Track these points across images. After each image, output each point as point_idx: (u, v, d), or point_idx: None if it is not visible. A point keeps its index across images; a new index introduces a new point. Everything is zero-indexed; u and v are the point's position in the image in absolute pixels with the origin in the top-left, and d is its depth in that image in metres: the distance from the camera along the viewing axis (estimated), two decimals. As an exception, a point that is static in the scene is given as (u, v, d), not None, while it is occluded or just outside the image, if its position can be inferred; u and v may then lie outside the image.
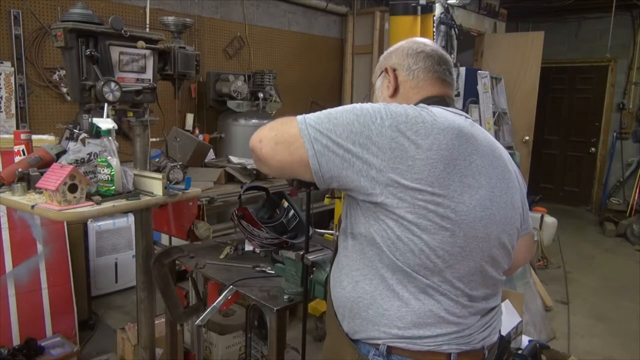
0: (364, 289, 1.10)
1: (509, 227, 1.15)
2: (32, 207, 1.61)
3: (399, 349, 1.07)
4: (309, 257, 1.52)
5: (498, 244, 1.12)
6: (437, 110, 1.09)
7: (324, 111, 1.08)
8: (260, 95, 4.14)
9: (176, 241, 2.63)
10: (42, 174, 1.67)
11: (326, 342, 1.29)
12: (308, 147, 1.03)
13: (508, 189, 1.14)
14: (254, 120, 4.29)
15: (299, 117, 1.07)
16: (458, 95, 5.17)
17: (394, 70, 1.24)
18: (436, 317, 1.07)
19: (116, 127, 1.76)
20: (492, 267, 1.13)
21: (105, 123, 1.73)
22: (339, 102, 5.77)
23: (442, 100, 1.19)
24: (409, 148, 1.01)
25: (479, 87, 4.96)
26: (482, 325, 1.14)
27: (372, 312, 1.09)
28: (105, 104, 1.77)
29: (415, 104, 1.15)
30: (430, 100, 1.18)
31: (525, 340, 2.51)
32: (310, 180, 1.10)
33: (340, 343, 1.17)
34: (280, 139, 1.07)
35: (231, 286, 1.68)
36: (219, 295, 1.71)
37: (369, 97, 1.39)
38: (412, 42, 1.26)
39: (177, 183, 2.30)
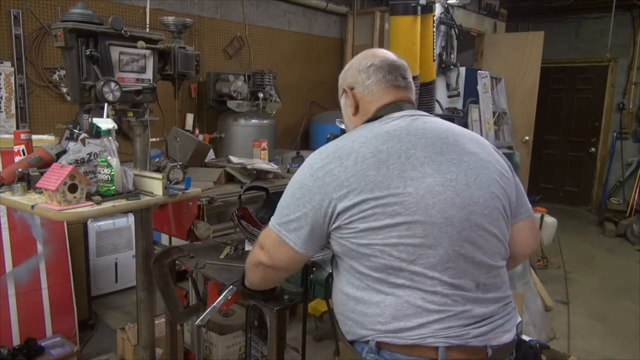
0: (348, 292, 1.17)
1: (482, 208, 1.13)
2: (32, 207, 1.61)
3: (387, 344, 1.10)
4: (309, 257, 1.52)
5: (472, 226, 1.11)
6: (367, 127, 1.20)
7: (278, 205, 1.23)
8: (260, 95, 4.14)
9: (176, 241, 2.63)
10: (42, 174, 1.67)
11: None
12: (288, 241, 1.17)
13: (468, 171, 1.14)
14: (254, 120, 4.29)
15: (270, 222, 1.23)
16: (458, 95, 5.17)
17: (352, 89, 1.32)
18: (413, 307, 1.08)
19: (116, 127, 1.76)
20: (477, 252, 1.11)
21: (105, 123, 1.73)
22: (339, 102, 5.76)
23: (396, 107, 1.25)
24: (339, 173, 1.11)
25: (479, 87, 4.96)
26: (477, 317, 1.10)
27: (357, 314, 1.15)
28: (105, 104, 1.77)
29: (373, 115, 1.25)
30: (385, 109, 1.24)
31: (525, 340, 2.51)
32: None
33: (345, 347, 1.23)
34: (268, 247, 1.23)
35: (231, 286, 1.68)
36: (219, 295, 1.70)
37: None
38: (361, 57, 1.34)
39: (177, 183, 2.30)
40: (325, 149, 1.19)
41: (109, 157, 1.69)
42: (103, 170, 1.69)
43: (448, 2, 4.93)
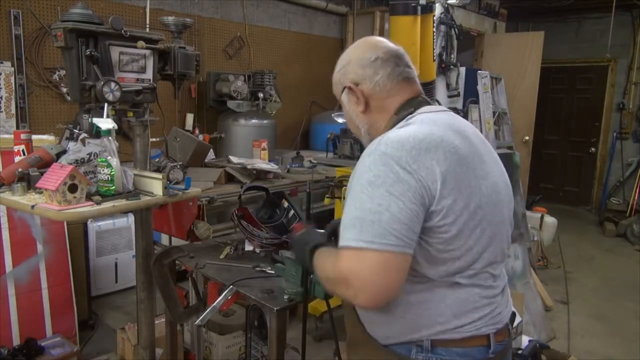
0: (401, 297, 1.08)
1: (511, 205, 1.19)
2: (32, 207, 1.61)
3: (443, 341, 1.08)
4: (309, 257, 1.51)
5: (510, 224, 1.18)
6: (427, 117, 1.12)
7: (348, 221, 0.99)
8: (260, 95, 4.14)
9: (176, 241, 2.63)
10: (42, 174, 1.67)
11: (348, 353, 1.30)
12: (406, 250, 0.96)
13: (500, 169, 1.18)
14: (254, 120, 4.29)
15: (344, 247, 0.97)
16: (458, 95, 5.16)
17: (357, 84, 1.21)
18: (472, 304, 1.09)
19: (116, 127, 1.76)
20: (506, 246, 1.18)
21: (105, 123, 1.73)
22: (338, 101, 5.76)
23: (424, 101, 1.19)
24: (432, 167, 0.99)
25: (479, 87, 4.96)
26: (505, 302, 1.18)
27: (411, 316, 1.09)
28: (105, 104, 1.77)
29: (397, 110, 1.17)
30: (412, 103, 1.17)
31: (525, 340, 2.51)
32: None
33: (369, 351, 1.18)
34: (374, 277, 0.96)
35: (231, 286, 1.68)
36: (219, 295, 1.71)
37: (339, 108, 1.39)
38: (361, 50, 1.22)
39: (177, 183, 2.30)
40: (401, 140, 1.01)
41: (109, 157, 1.69)
42: (103, 170, 1.69)
43: (448, 2, 4.93)
